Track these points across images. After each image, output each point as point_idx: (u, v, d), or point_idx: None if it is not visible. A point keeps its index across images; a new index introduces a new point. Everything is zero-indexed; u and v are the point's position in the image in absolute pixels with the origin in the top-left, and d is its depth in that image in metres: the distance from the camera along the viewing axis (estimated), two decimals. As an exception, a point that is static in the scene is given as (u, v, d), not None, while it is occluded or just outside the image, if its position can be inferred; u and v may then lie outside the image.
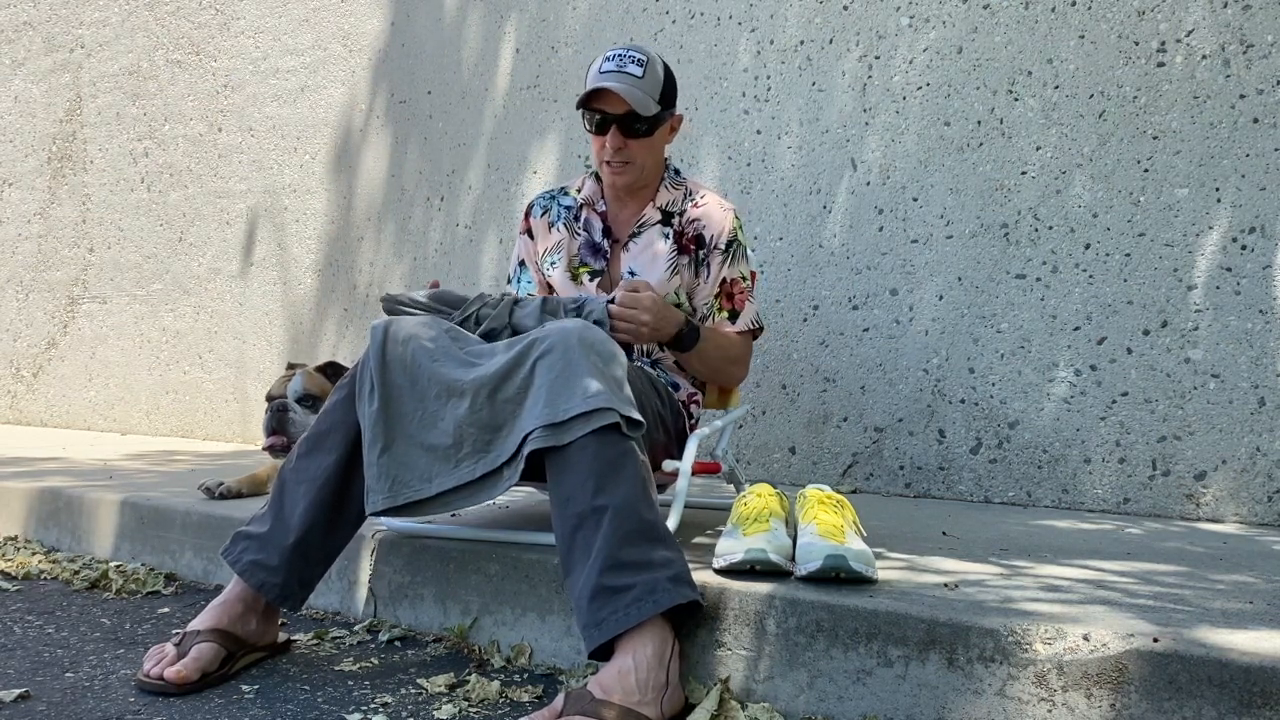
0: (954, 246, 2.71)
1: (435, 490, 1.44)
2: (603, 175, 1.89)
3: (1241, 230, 2.36)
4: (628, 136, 1.81)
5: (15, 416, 5.34)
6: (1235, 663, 1.03)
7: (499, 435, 1.42)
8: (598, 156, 1.86)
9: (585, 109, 1.81)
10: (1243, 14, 2.38)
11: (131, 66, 4.93)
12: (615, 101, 1.78)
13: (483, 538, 1.69)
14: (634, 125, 1.80)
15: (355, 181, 4.09)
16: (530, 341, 1.44)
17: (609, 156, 1.82)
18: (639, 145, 1.83)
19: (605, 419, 1.33)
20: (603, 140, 1.82)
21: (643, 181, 1.89)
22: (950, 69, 2.75)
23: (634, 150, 1.83)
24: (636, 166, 1.85)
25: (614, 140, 1.80)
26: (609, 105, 1.79)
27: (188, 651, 1.40)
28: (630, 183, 1.87)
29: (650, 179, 1.91)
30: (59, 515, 2.41)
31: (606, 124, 1.80)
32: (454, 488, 1.44)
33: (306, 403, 2.28)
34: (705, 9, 3.19)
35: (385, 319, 1.56)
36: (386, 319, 1.56)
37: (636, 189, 1.91)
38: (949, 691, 1.17)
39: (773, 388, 2.98)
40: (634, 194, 1.92)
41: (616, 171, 1.84)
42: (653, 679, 1.21)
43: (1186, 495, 2.38)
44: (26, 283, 5.33)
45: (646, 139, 1.83)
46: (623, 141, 1.81)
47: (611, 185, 1.89)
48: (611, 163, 1.83)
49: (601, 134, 1.82)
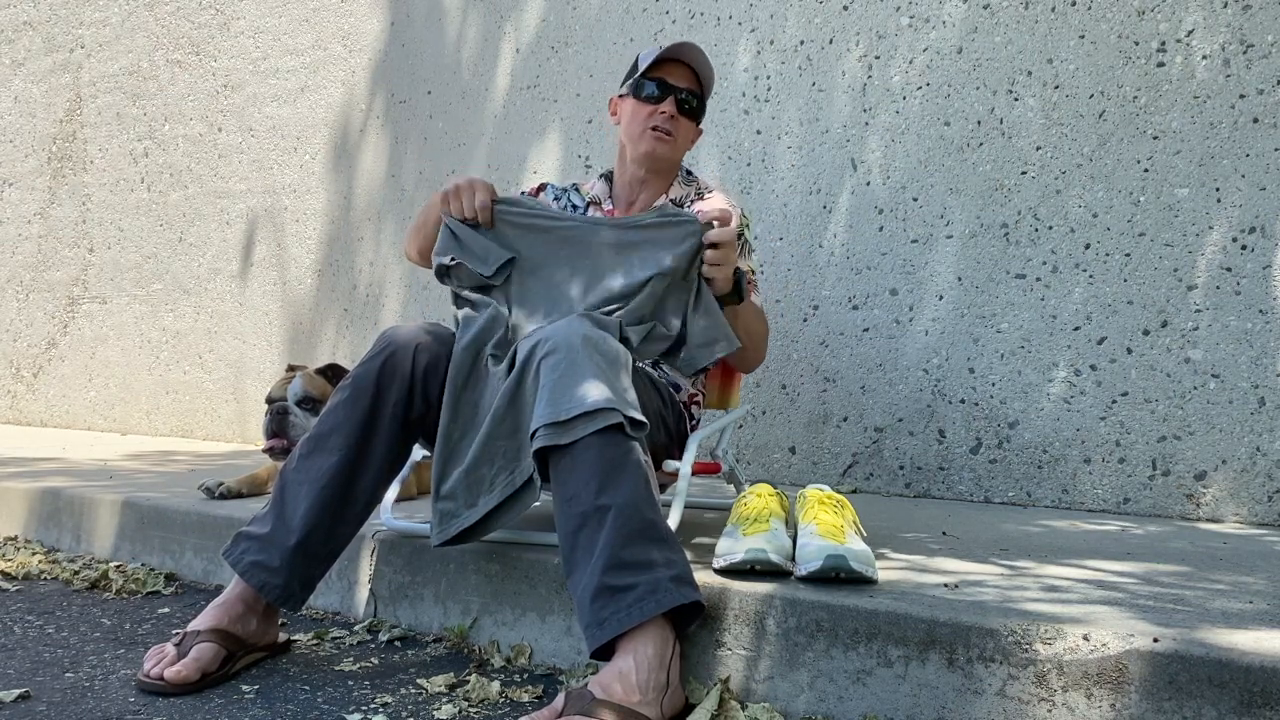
0: (954, 246, 2.71)
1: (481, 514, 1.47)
2: (639, 145, 1.89)
3: (1241, 230, 2.36)
4: (681, 111, 1.88)
5: (15, 416, 5.34)
6: (1235, 663, 1.03)
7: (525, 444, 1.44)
8: (640, 126, 1.88)
9: (645, 78, 1.88)
10: (1243, 14, 2.38)
11: (131, 66, 4.93)
12: (682, 74, 1.88)
13: (483, 538, 1.69)
14: (690, 103, 1.89)
15: (355, 181, 4.09)
16: (533, 345, 1.44)
17: (659, 122, 1.86)
18: (685, 124, 1.90)
19: (608, 419, 1.33)
20: (654, 108, 1.87)
21: (665, 164, 1.92)
22: (950, 69, 2.75)
23: (680, 125, 1.89)
24: (674, 145, 1.89)
25: (669, 107, 1.86)
26: (674, 76, 1.88)
27: (188, 651, 1.40)
28: (663, 156, 1.89)
29: (668, 169, 1.95)
30: (59, 515, 2.41)
31: (666, 92, 1.87)
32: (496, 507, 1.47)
33: (306, 405, 2.27)
34: (705, 9, 3.19)
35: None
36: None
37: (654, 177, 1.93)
38: (949, 691, 1.17)
39: (773, 388, 2.98)
40: (647, 186, 1.93)
41: (660, 138, 1.87)
42: (653, 679, 1.21)
43: (1186, 495, 2.38)
44: (26, 283, 5.33)
45: (690, 121, 1.91)
46: (676, 111, 1.87)
47: (649, 154, 1.89)
48: (659, 128, 1.86)
49: (657, 102, 1.87)
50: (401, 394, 1.55)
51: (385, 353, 1.56)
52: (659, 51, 1.86)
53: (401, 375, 1.55)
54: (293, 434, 2.23)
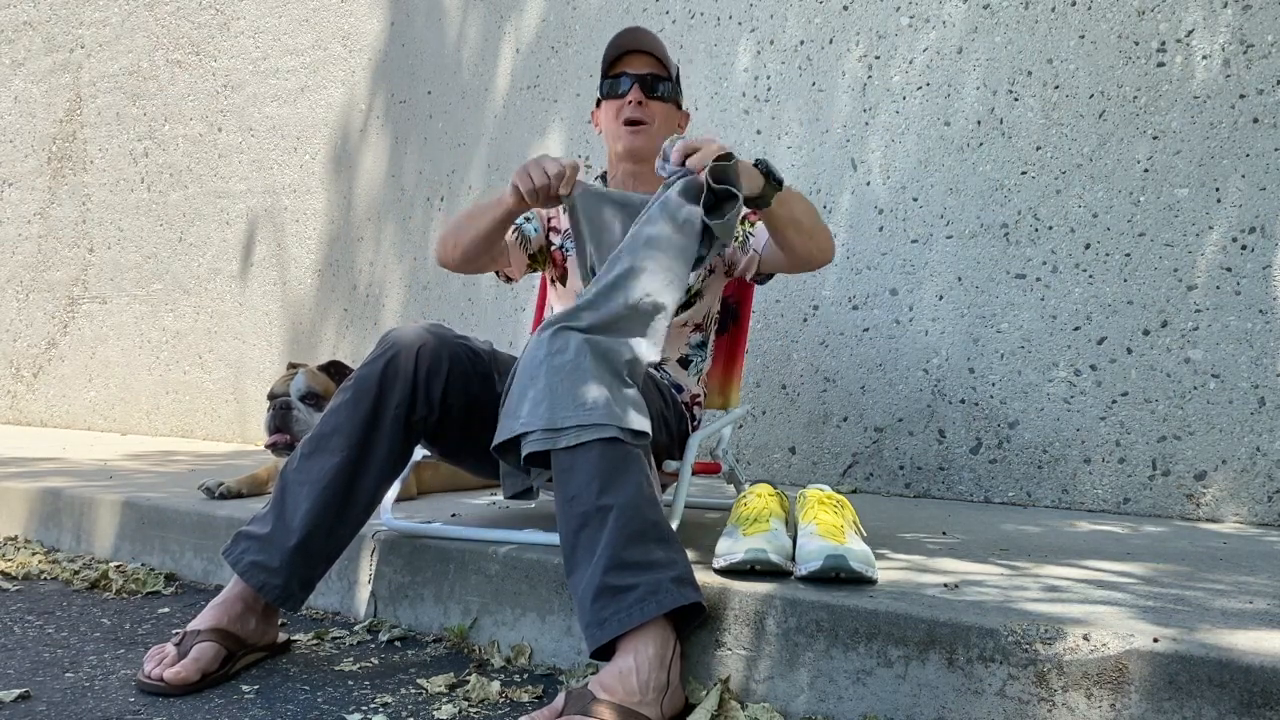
0: (954, 246, 2.71)
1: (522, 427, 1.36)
2: (617, 142, 1.89)
3: (1241, 230, 2.36)
4: (649, 96, 1.87)
5: (15, 416, 5.34)
6: (1235, 663, 1.03)
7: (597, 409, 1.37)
8: (613, 124, 1.88)
9: (606, 77, 1.88)
10: (1243, 14, 2.38)
11: (131, 66, 4.93)
12: (640, 62, 1.87)
13: (483, 538, 1.69)
14: (655, 85, 1.87)
15: (355, 181, 4.09)
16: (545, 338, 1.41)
17: (630, 113, 1.85)
18: (657, 107, 1.88)
19: (601, 433, 1.32)
20: (621, 102, 1.87)
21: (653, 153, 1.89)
22: (950, 69, 2.75)
23: (652, 110, 1.87)
24: (651, 131, 1.88)
25: (635, 94, 1.85)
26: (632, 66, 1.87)
27: (188, 651, 1.40)
28: (642, 147, 1.88)
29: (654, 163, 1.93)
30: (59, 515, 2.41)
31: (629, 82, 1.86)
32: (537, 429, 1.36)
33: (309, 400, 2.28)
34: (705, 9, 3.19)
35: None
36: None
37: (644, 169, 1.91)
38: (949, 691, 1.17)
39: (773, 388, 2.98)
40: (640, 179, 1.92)
41: (632, 130, 1.86)
42: (654, 679, 1.21)
43: (1186, 495, 2.38)
44: (26, 283, 5.33)
45: (663, 104, 1.89)
46: (643, 97, 1.86)
47: (629, 150, 1.88)
48: (630, 119, 1.86)
49: (623, 96, 1.87)
50: (404, 395, 1.55)
51: (388, 354, 1.56)
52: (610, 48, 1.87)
53: (404, 377, 1.55)
54: (295, 429, 2.23)
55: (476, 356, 1.67)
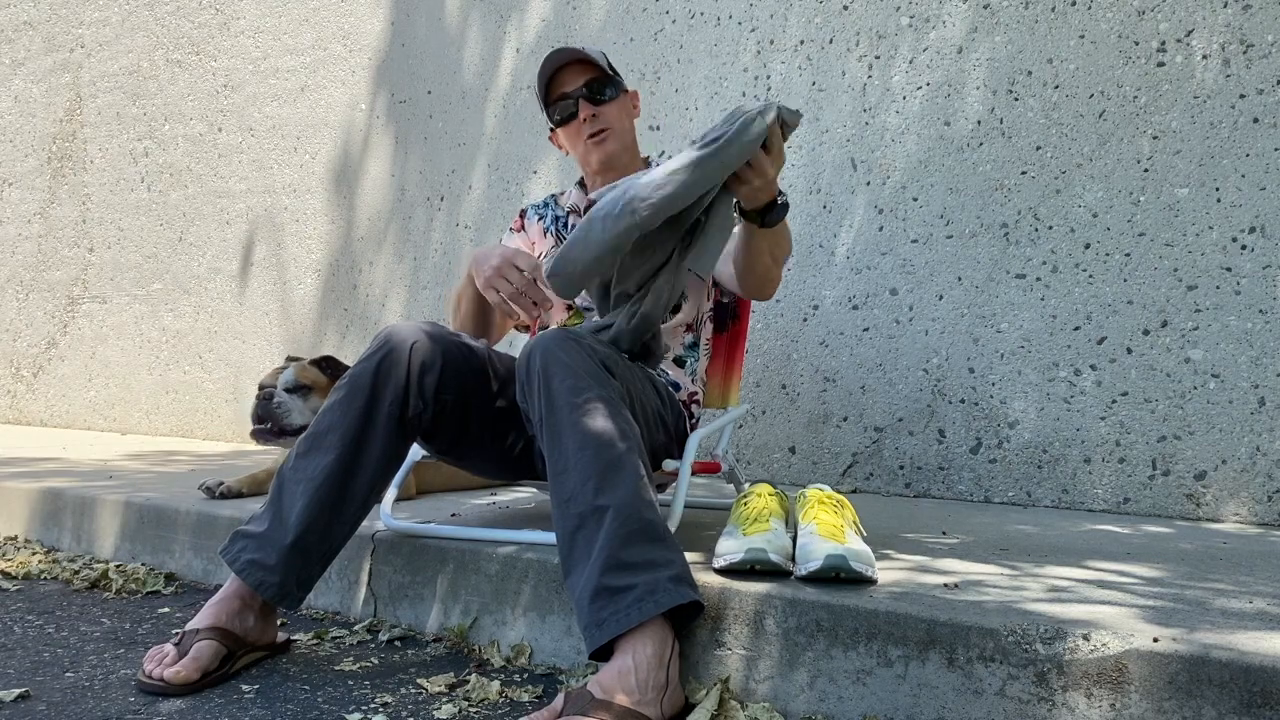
0: (954, 246, 2.71)
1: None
2: (589, 158, 1.92)
3: (1241, 230, 2.36)
4: (597, 103, 1.88)
5: (15, 416, 5.34)
6: (1235, 663, 1.03)
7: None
8: (579, 145, 1.91)
9: (548, 106, 1.89)
10: (1243, 14, 2.38)
11: (131, 66, 4.93)
12: (572, 76, 1.88)
13: (483, 538, 1.69)
14: (598, 92, 1.88)
15: (355, 181, 4.09)
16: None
17: (588, 130, 1.88)
18: (610, 109, 1.90)
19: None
20: (576, 124, 1.89)
21: (624, 155, 1.93)
22: (950, 69, 2.75)
23: (607, 114, 1.89)
24: (615, 133, 1.90)
25: (585, 109, 1.87)
26: (568, 84, 1.88)
27: (188, 651, 1.40)
28: (615, 151, 1.90)
29: (629, 161, 1.95)
30: (59, 515, 2.41)
31: (573, 104, 1.87)
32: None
33: (296, 392, 2.32)
34: (705, 9, 3.19)
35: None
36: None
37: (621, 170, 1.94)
38: (949, 691, 1.17)
39: (773, 388, 2.98)
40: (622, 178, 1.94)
41: (598, 141, 1.88)
42: (653, 679, 1.21)
43: (1186, 495, 2.38)
44: (26, 283, 5.33)
45: (614, 102, 1.90)
46: (593, 109, 1.87)
47: (603, 160, 1.91)
48: (592, 135, 1.88)
49: (573, 119, 1.88)
50: (398, 393, 1.55)
51: (382, 351, 1.56)
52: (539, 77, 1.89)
53: (398, 374, 1.55)
54: (279, 416, 2.28)
55: (472, 353, 1.67)
